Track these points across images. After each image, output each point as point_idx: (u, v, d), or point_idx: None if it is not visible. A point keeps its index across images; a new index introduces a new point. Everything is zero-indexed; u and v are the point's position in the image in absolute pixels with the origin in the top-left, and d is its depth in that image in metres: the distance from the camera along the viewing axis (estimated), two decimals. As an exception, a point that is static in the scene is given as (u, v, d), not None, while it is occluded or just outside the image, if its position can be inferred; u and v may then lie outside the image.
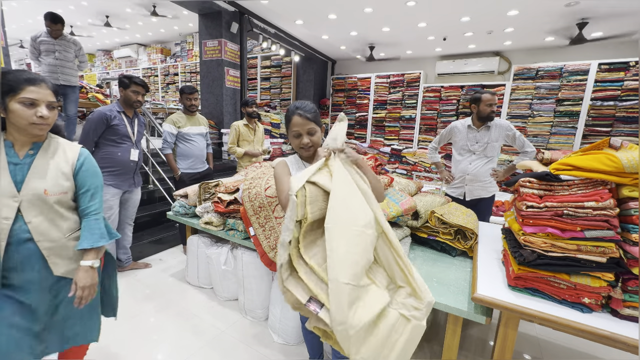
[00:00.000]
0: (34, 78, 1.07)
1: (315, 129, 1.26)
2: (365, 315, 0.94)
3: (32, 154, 1.11)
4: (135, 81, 2.39)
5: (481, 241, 1.77)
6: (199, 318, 2.17)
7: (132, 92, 2.38)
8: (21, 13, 6.95)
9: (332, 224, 1.01)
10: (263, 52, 7.52)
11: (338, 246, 0.98)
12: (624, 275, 1.09)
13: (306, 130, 1.24)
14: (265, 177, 2.09)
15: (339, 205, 1.03)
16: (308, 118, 1.23)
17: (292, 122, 1.26)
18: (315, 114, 1.26)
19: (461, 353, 1.91)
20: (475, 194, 2.67)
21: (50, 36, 3.51)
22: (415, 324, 0.98)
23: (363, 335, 0.94)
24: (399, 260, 1.04)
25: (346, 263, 0.96)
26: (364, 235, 1.00)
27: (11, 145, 1.08)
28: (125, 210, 2.59)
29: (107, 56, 10.52)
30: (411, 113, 6.40)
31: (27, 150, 1.10)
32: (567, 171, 1.18)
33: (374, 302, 0.97)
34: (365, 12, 4.30)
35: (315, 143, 1.27)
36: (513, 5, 3.84)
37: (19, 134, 1.08)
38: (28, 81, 1.05)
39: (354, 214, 1.03)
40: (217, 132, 5.03)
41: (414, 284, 1.02)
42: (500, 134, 2.55)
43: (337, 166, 1.13)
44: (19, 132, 1.08)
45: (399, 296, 1.03)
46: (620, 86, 4.61)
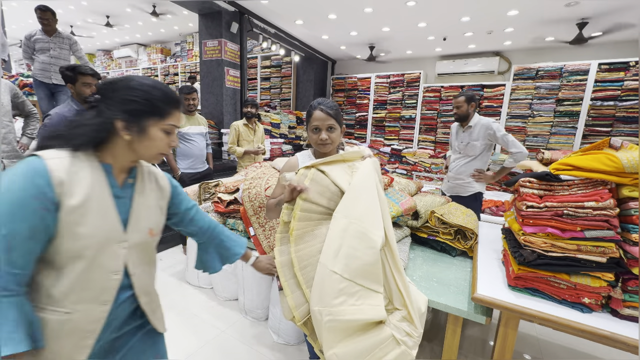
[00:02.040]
0: (178, 100, 0.85)
1: (335, 126, 1.24)
2: (351, 313, 0.93)
3: (131, 182, 0.86)
4: (82, 71, 2.06)
5: (481, 241, 1.77)
6: (199, 318, 2.17)
7: (83, 85, 2.08)
8: (21, 13, 6.95)
9: (342, 215, 1.02)
10: (263, 52, 7.52)
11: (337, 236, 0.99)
12: (624, 275, 1.09)
13: (326, 125, 1.23)
14: (265, 177, 2.09)
15: (355, 200, 1.04)
16: (329, 114, 1.22)
17: (312, 116, 1.25)
18: (337, 112, 1.25)
19: (461, 353, 1.91)
20: (453, 191, 2.78)
21: (45, 33, 3.45)
22: (403, 350, 0.95)
23: (341, 331, 0.93)
24: (398, 282, 1.03)
25: (340, 253, 0.97)
26: (370, 235, 1.00)
27: (110, 170, 0.80)
28: None
29: (107, 56, 10.52)
30: (411, 113, 6.40)
31: (125, 177, 0.84)
32: (567, 171, 1.18)
33: (369, 310, 0.95)
34: (365, 12, 4.30)
35: (333, 140, 1.25)
36: (513, 5, 3.84)
37: (125, 158, 0.81)
38: (176, 105, 0.84)
39: (366, 214, 1.03)
40: (217, 132, 5.03)
41: (411, 309, 1.01)
42: (481, 133, 2.60)
43: (366, 165, 1.13)
44: (129, 157, 0.81)
45: (394, 317, 1.01)
46: (620, 86, 4.61)
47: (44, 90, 3.57)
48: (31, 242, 0.67)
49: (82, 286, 0.74)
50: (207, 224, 1.09)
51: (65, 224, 0.70)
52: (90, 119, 0.76)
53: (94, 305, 0.77)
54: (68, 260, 0.72)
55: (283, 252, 1.08)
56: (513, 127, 5.46)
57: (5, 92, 2.17)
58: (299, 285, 1.04)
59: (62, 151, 0.73)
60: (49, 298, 0.72)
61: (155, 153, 0.83)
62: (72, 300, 0.73)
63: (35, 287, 0.73)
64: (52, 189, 0.68)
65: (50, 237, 0.70)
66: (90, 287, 0.76)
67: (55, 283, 0.72)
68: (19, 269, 0.66)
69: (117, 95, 0.77)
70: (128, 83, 0.78)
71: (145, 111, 0.78)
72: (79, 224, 0.71)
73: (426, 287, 1.39)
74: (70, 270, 0.73)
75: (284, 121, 5.95)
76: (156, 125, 0.80)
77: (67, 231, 0.71)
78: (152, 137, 0.80)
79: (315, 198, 1.07)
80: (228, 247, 1.12)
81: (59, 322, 0.73)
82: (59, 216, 0.70)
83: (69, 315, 0.73)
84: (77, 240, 0.72)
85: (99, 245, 0.75)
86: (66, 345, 0.74)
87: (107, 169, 0.79)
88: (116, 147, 0.79)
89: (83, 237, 0.72)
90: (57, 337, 0.73)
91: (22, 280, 0.67)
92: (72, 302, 0.74)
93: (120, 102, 0.76)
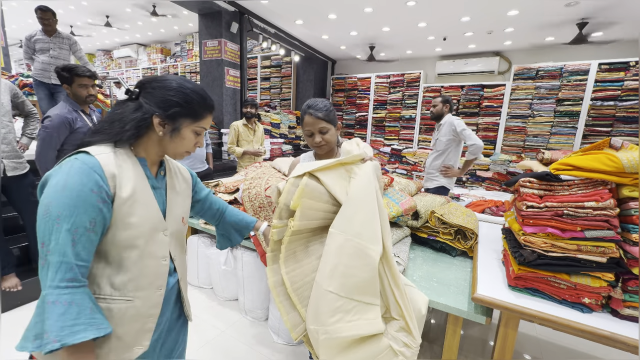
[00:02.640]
0: (213, 105, 0.90)
1: (327, 128, 1.24)
2: (348, 330, 0.91)
3: (163, 175, 0.92)
4: (78, 73, 2.03)
5: (481, 241, 1.76)
6: (199, 318, 2.17)
7: (79, 86, 2.07)
8: (21, 13, 6.95)
9: (338, 230, 0.97)
10: (263, 52, 7.52)
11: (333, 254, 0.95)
12: (624, 275, 1.09)
13: (317, 129, 1.23)
14: (265, 177, 2.09)
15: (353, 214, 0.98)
16: (319, 117, 1.22)
17: (304, 121, 1.26)
18: (327, 112, 1.24)
19: (461, 353, 1.91)
20: (425, 184, 3.16)
21: (45, 34, 3.46)
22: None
23: (337, 346, 0.92)
24: (395, 293, 1.00)
25: (336, 272, 0.94)
26: (367, 251, 0.95)
27: (145, 163, 0.85)
28: None
29: (107, 56, 10.52)
30: (411, 113, 6.40)
31: (157, 169, 0.90)
32: (567, 171, 1.18)
33: (365, 325, 0.93)
34: (365, 12, 4.30)
35: (328, 141, 1.26)
36: (513, 5, 3.84)
37: (155, 153, 0.86)
38: (211, 109, 0.88)
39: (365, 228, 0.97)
40: (217, 132, 5.03)
41: (409, 320, 0.99)
42: (447, 130, 2.96)
43: (366, 171, 1.06)
44: (159, 152, 0.86)
45: (391, 327, 1.00)
46: (621, 86, 4.61)
47: (43, 91, 3.58)
48: (92, 235, 0.70)
49: (139, 274, 0.79)
50: (221, 205, 1.20)
51: (118, 214, 0.74)
52: (130, 112, 0.80)
53: (151, 290, 0.83)
54: (123, 250, 0.76)
55: (275, 271, 1.04)
56: (513, 127, 5.46)
57: (5, 92, 2.17)
58: (294, 307, 1.02)
59: (104, 147, 0.77)
60: (111, 288, 0.76)
61: (182, 151, 0.88)
62: (131, 288, 0.78)
63: (96, 280, 0.76)
64: (106, 182, 0.72)
65: (105, 229, 0.74)
66: (146, 274, 0.81)
67: (114, 273, 0.77)
68: (83, 261, 0.69)
69: (158, 93, 0.81)
70: (170, 83, 0.82)
71: (183, 113, 0.82)
72: (130, 214, 0.76)
73: (426, 287, 1.39)
74: (127, 259, 0.77)
75: (284, 121, 5.95)
76: (189, 127, 0.84)
77: (121, 222, 0.75)
78: (183, 136, 0.85)
79: (305, 224, 1.01)
80: (242, 220, 1.21)
81: (123, 309, 0.77)
82: (114, 207, 0.74)
83: (131, 302, 0.78)
84: (129, 230, 0.76)
85: (148, 234, 0.80)
86: (131, 330, 0.79)
87: (143, 163, 0.84)
88: (149, 142, 0.84)
89: (134, 226, 0.77)
90: (122, 324, 0.77)
91: (85, 272, 0.70)
92: (132, 289, 0.78)
93: (160, 100, 0.80)
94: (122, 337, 0.78)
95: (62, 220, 0.67)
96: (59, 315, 0.64)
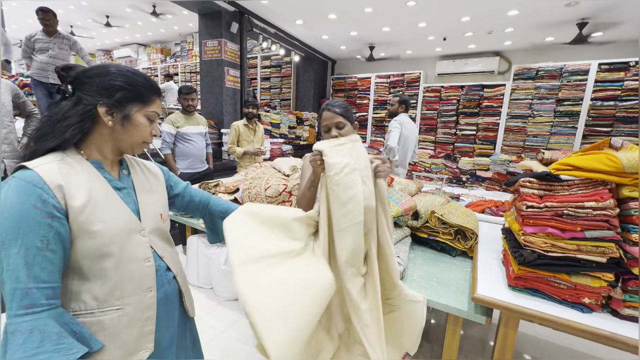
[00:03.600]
0: (159, 88, 0.86)
1: (343, 123, 1.28)
2: None
3: (126, 173, 0.86)
4: None
5: (481, 241, 1.76)
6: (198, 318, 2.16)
7: None
8: (21, 13, 6.95)
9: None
10: (263, 52, 7.52)
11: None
12: (624, 275, 1.09)
13: (334, 123, 1.27)
14: (265, 177, 2.09)
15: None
16: (336, 112, 1.27)
17: (322, 117, 1.31)
18: (344, 109, 1.29)
19: (461, 353, 1.91)
20: None
21: (45, 33, 3.48)
22: None
23: None
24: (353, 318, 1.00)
25: None
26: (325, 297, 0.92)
27: (101, 166, 0.79)
28: None
29: (107, 56, 10.51)
30: (411, 113, 6.39)
31: (118, 169, 0.85)
32: (567, 171, 1.18)
33: None
34: (365, 12, 4.30)
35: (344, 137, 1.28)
36: (513, 5, 3.84)
37: (110, 151, 0.80)
38: (158, 92, 0.84)
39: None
40: (217, 132, 5.03)
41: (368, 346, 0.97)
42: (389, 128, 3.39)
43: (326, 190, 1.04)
44: (113, 149, 0.81)
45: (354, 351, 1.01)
46: (621, 86, 4.61)
47: (42, 90, 3.59)
48: (49, 253, 0.65)
49: (122, 280, 0.75)
50: (203, 196, 1.16)
51: (77, 225, 0.69)
52: (70, 109, 0.73)
53: (141, 294, 0.79)
54: (97, 259, 0.72)
55: None
56: (513, 127, 5.46)
57: (6, 92, 2.17)
58: None
59: (47, 156, 0.72)
60: (96, 301, 0.72)
61: (139, 141, 0.82)
62: (118, 296, 0.75)
63: (79, 297, 0.72)
64: (52, 195, 0.66)
65: (68, 243, 0.69)
66: (130, 279, 0.77)
67: (95, 286, 0.72)
68: (45, 283, 0.64)
69: (97, 82, 0.75)
70: (107, 69, 0.77)
71: (129, 97, 0.77)
72: (92, 222, 0.71)
73: (426, 287, 1.39)
74: (104, 269, 0.73)
75: (284, 121, 5.95)
76: (140, 112, 0.79)
77: (84, 232, 0.70)
78: (136, 123, 0.79)
79: None
80: (229, 209, 1.15)
81: (115, 319, 0.74)
82: (69, 220, 0.69)
83: (121, 310, 0.75)
84: (95, 239, 0.71)
85: (122, 238, 0.75)
86: (130, 337, 0.77)
87: (97, 165, 0.78)
88: (100, 140, 0.78)
89: (100, 234, 0.71)
90: (119, 333, 0.75)
91: (52, 294, 0.65)
92: (119, 297, 0.75)
93: (101, 87, 0.75)
94: (122, 345, 0.75)
95: (8, 244, 0.62)
96: (18, 346, 0.59)
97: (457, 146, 6.01)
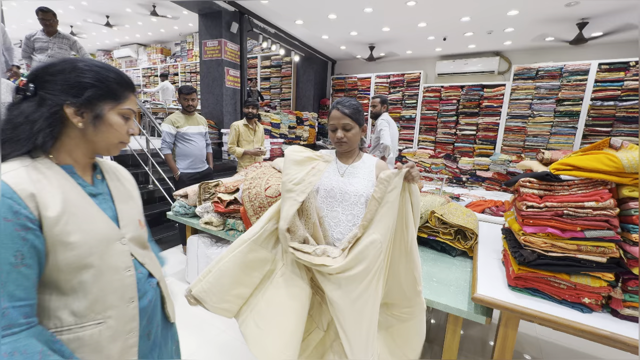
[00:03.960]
0: (133, 83, 0.79)
1: (351, 125, 1.24)
2: None
3: (100, 178, 0.80)
4: None
5: (481, 241, 1.77)
6: (199, 318, 2.17)
7: None
8: (21, 13, 6.95)
9: None
10: (263, 52, 7.52)
11: None
12: (624, 275, 1.09)
13: (341, 124, 1.24)
14: (265, 177, 2.09)
15: None
16: (345, 113, 1.23)
17: (330, 115, 1.27)
18: (354, 111, 1.24)
19: (461, 353, 1.91)
20: None
21: (45, 33, 3.49)
22: None
23: None
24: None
25: None
26: None
27: (73, 171, 0.72)
28: None
29: (107, 56, 10.52)
30: (411, 113, 6.40)
31: (92, 174, 0.78)
32: (567, 171, 1.18)
33: None
34: (365, 12, 4.30)
35: (349, 139, 1.26)
36: (513, 5, 3.84)
37: (82, 155, 0.74)
38: (131, 87, 0.77)
39: None
40: (217, 132, 5.03)
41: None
42: (377, 128, 3.44)
43: None
44: (86, 152, 0.74)
45: None
46: (620, 86, 4.61)
47: None
48: (24, 269, 0.59)
49: (103, 292, 0.70)
50: None
51: (52, 237, 0.63)
52: (34, 111, 0.66)
53: (123, 305, 0.74)
54: (75, 272, 0.67)
55: None
56: (513, 127, 5.47)
57: (7, 92, 2.17)
58: None
59: (13, 162, 0.64)
60: (75, 317, 0.67)
61: (115, 142, 0.76)
62: (99, 309, 0.70)
63: (56, 314, 0.67)
64: (24, 205, 0.60)
65: (44, 257, 0.63)
66: (111, 290, 0.72)
67: (73, 300, 0.67)
68: (22, 301, 0.59)
69: (61, 79, 0.68)
70: (73, 64, 0.69)
71: (100, 94, 0.70)
72: (69, 233, 0.65)
73: (426, 287, 1.39)
74: (83, 282, 0.68)
75: (284, 121, 5.95)
76: (113, 110, 0.73)
77: (59, 244, 0.64)
78: (110, 122, 0.72)
79: None
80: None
81: (96, 334, 0.70)
82: (44, 231, 0.63)
83: (103, 324, 0.71)
84: (73, 250, 0.65)
85: (101, 248, 0.70)
86: (113, 351, 0.73)
87: (69, 170, 0.71)
88: (70, 143, 0.71)
89: (78, 245, 0.66)
90: (101, 348, 0.70)
91: (29, 312, 0.60)
92: (100, 311, 0.70)
93: (67, 85, 0.67)
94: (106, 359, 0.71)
95: None
96: None
97: (457, 146, 6.02)
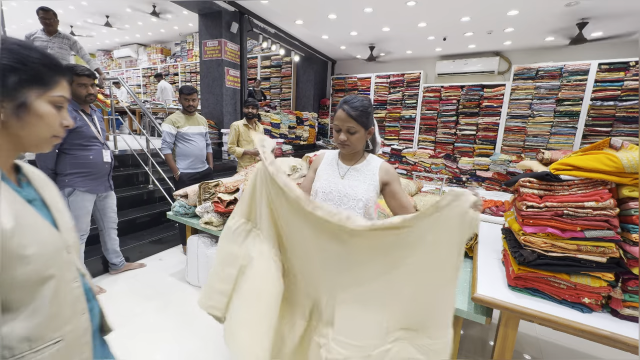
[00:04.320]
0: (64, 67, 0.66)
1: (355, 129, 1.17)
2: None
3: (25, 181, 0.69)
4: (77, 72, 2.04)
5: (481, 241, 1.76)
6: (199, 318, 2.17)
7: (79, 85, 2.07)
8: (21, 13, 6.95)
9: None
10: (263, 52, 7.53)
11: None
12: (624, 275, 1.09)
13: (346, 127, 1.18)
14: (265, 177, 2.08)
15: None
16: (350, 115, 1.15)
17: (336, 114, 1.21)
18: (361, 113, 1.16)
19: (461, 353, 1.91)
20: None
21: (46, 33, 3.49)
22: None
23: None
24: None
25: None
26: None
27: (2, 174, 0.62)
28: (106, 216, 2.52)
29: (107, 56, 10.53)
30: (411, 113, 6.40)
31: (16, 177, 0.67)
32: (567, 171, 1.18)
33: None
34: (365, 12, 4.30)
35: (352, 143, 1.20)
36: (513, 5, 3.84)
37: (6, 153, 0.63)
38: (62, 71, 0.65)
39: None
40: (217, 132, 5.03)
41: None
42: None
43: None
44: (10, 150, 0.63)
45: None
46: (620, 86, 4.61)
47: None
48: None
49: (60, 306, 0.64)
50: None
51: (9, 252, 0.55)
52: None
53: (76, 318, 0.69)
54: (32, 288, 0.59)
55: None
56: (513, 127, 5.47)
57: None
58: None
59: None
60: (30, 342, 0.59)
61: (47, 136, 0.65)
62: (55, 327, 0.63)
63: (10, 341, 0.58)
64: None
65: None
66: (64, 305, 0.66)
67: (25, 324, 0.59)
68: None
69: None
70: None
71: (23, 80, 0.59)
72: (25, 245, 0.57)
73: (426, 287, 1.39)
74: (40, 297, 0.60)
75: (284, 121, 5.95)
76: (41, 98, 0.61)
77: (16, 259, 0.56)
78: (39, 112, 0.61)
79: None
80: None
81: (55, 353, 0.63)
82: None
83: (61, 342, 0.64)
84: (31, 264, 0.58)
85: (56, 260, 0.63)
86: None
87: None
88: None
89: (35, 258, 0.59)
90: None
91: None
92: (57, 328, 0.64)
93: None
94: None
95: None
96: None
97: (457, 146, 6.02)
